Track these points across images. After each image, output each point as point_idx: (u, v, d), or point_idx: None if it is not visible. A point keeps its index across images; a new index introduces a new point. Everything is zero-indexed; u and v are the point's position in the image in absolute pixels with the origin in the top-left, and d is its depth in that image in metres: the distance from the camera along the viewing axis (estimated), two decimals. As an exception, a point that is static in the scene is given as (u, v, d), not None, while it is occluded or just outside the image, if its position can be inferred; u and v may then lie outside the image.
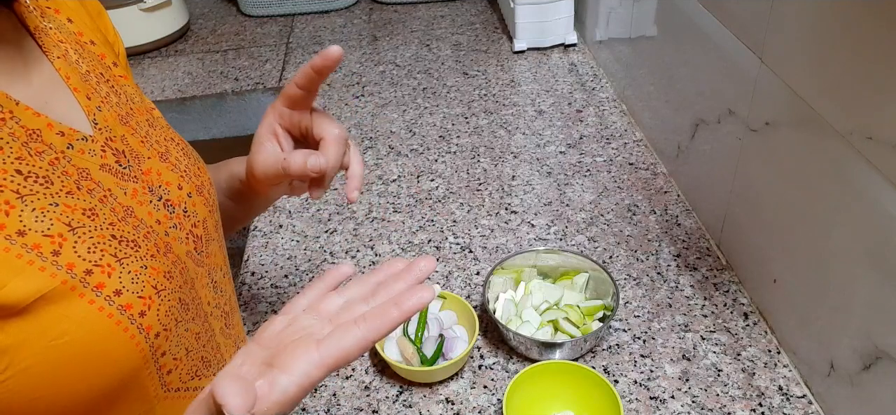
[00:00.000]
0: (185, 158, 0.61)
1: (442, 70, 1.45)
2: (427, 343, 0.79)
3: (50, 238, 0.45)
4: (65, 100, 0.52)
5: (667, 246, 0.95)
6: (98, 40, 0.60)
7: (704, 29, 0.90)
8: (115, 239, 0.49)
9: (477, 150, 1.18)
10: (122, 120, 0.56)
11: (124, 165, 0.54)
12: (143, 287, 0.49)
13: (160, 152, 0.58)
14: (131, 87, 0.61)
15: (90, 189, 0.50)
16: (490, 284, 0.83)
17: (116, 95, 0.57)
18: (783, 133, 0.74)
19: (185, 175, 0.60)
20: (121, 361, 0.48)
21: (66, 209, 0.47)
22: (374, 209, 1.06)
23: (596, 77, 1.38)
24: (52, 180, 0.47)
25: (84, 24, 0.59)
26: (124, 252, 0.49)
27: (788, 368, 0.77)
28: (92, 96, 0.54)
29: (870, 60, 0.59)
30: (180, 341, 0.54)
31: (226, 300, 0.64)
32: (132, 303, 0.48)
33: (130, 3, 1.51)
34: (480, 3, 1.75)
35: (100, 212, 0.49)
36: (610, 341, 0.81)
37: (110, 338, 0.47)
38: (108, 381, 0.48)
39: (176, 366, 0.54)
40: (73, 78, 0.54)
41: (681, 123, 1.01)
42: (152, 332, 0.50)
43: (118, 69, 0.60)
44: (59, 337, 0.44)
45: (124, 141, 0.55)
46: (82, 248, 0.47)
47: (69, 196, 0.48)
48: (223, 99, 1.43)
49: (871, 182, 0.60)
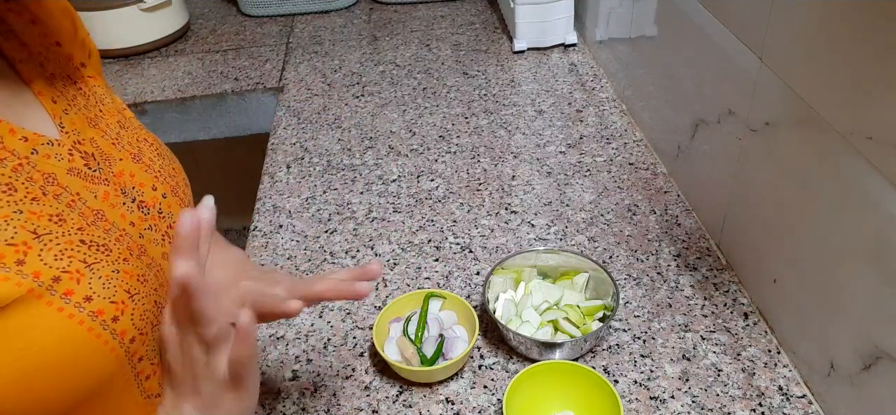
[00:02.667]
0: (159, 159, 0.60)
1: (442, 70, 1.45)
2: (427, 343, 0.79)
3: (14, 247, 0.44)
4: (28, 104, 0.51)
5: (667, 246, 0.95)
6: (65, 41, 0.58)
7: (704, 29, 0.90)
8: (85, 244, 0.48)
9: (477, 150, 1.18)
10: (91, 122, 0.55)
11: (94, 168, 0.52)
12: (115, 292, 0.48)
13: (133, 153, 0.57)
14: (101, 88, 0.59)
15: (57, 194, 0.48)
16: (490, 284, 0.83)
17: (85, 97, 0.56)
18: (783, 133, 0.74)
19: (159, 176, 0.58)
20: (95, 368, 0.47)
21: (32, 216, 0.46)
22: (374, 209, 1.06)
23: (596, 77, 1.38)
24: (16, 187, 0.46)
25: (50, 26, 0.57)
26: (94, 257, 0.48)
27: (788, 368, 0.77)
28: (58, 100, 0.53)
29: (870, 60, 0.59)
30: (158, 345, 0.53)
31: None
32: (104, 308, 0.47)
33: (130, 3, 1.51)
34: (480, 3, 1.75)
35: (67, 217, 0.48)
36: (610, 341, 0.81)
37: (82, 345, 0.46)
38: (84, 389, 0.47)
39: (154, 371, 0.53)
40: (38, 81, 0.52)
41: (681, 123, 1.01)
42: (127, 337, 0.48)
43: (87, 70, 0.59)
44: (28, 346, 0.43)
45: (94, 143, 0.54)
46: (49, 255, 0.45)
47: (34, 202, 0.46)
48: (223, 99, 1.43)
49: (871, 182, 0.60)
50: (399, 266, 0.95)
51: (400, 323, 0.82)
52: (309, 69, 1.49)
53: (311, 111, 1.33)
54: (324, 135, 1.25)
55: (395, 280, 0.92)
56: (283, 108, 1.35)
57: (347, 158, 1.18)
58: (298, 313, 0.63)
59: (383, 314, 0.82)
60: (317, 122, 1.29)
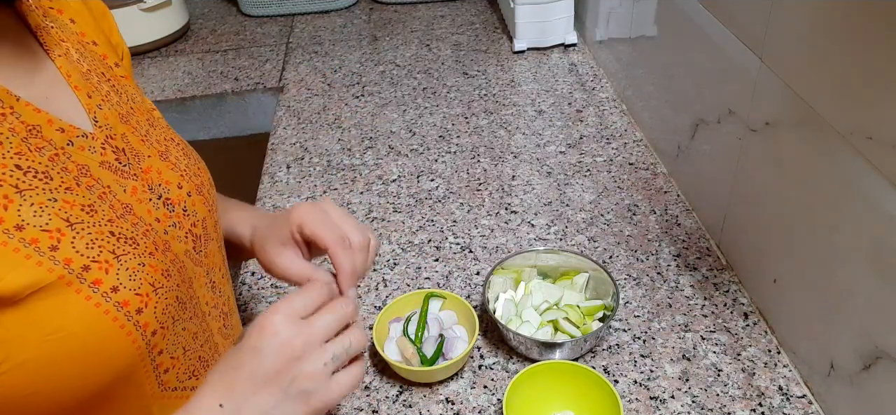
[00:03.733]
0: (185, 158, 0.62)
1: (442, 70, 1.45)
2: (427, 343, 0.79)
3: (48, 233, 0.45)
4: (65, 97, 0.52)
5: (667, 246, 0.95)
6: (101, 41, 0.60)
7: (704, 29, 0.90)
8: (114, 236, 0.49)
9: (477, 150, 1.18)
10: (123, 119, 0.56)
11: (124, 163, 0.54)
12: (141, 284, 0.49)
13: (160, 151, 0.59)
14: (132, 88, 0.61)
15: (89, 186, 0.50)
16: (490, 284, 0.83)
17: (117, 95, 0.58)
18: (783, 133, 0.74)
19: (185, 175, 0.60)
20: (117, 357, 0.48)
21: (65, 205, 0.47)
22: (374, 209, 1.06)
23: (596, 77, 1.38)
24: (52, 176, 0.47)
25: (87, 25, 0.59)
26: (122, 249, 0.49)
27: (788, 368, 0.77)
28: (93, 95, 0.54)
29: (870, 60, 0.59)
30: (177, 339, 0.54)
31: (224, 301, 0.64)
32: (129, 300, 0.48)
33: (130, 3, 1.51)
34: (480, 3, 1.75)
35: (98, 208, 0.49)
36: (610, 341, 0.81)
37: (106, 334, 0.47)
38: (104, 377, 0.48)
39: (173, 365, 0.54)
40: (74, 76, 0.54)
41: (681, 123, 1.01)
42: (149, 329, 0.50)
43: (120, 70, 0.61)
44: (55, 332, 0.45)
45: (124, 139, 0.55)
46: (80, 243, 0.47)
47: (68, 192, 0.48)
48: (223, 99, 1.43)
49: (871, 182, 0.60)
50: (399, 266, 0.95)
51: (400, 323, 0.82)
52: (309, 69, 1.49)
53: (311, 111, 1.33)
54: (324, 135, 1.25)
55: (395, 280, 0.92)
56: (283, 108, 1.35)
57: (347, 158, 1.18)
58: None
59: (383, 314, 0.82)
60: (317, 122, 1.29)
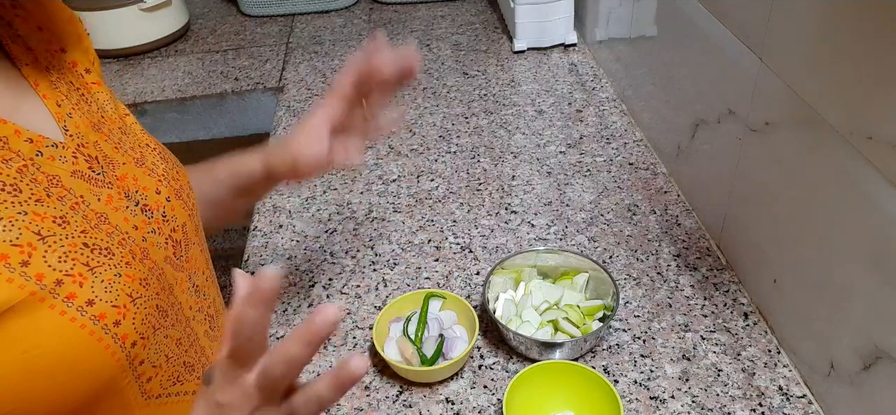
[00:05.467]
0: (163, 163, 0.60)
1: (442, 70, 1.45)
2: (427, 343, 0.79)
3: (18, 248, 0.44)
4: (34, 106, 0.51)
5: (667, 246, 0.95)
6: (69, 47, 0.58)
7: (704, 29, 0.90)
8: (87, 247, 0.48)
9: (477, 150, 1.18)
10: (95, 127, 0.55)
11: (97, 171, 0.52)
12: (118, 296, 0.48)
13: (136, 158, 0.57)
14: (104, 95, 0.60)
15: (61, 196, 0.49)
16: (490, 284, 0.83)
17: (87, 103, 0.56)
18: (783, 133, 0.74)
19: (163, 179, 0.58)
20: (95, 371, 0.47)
21: (36, 218, 0.46)
22: (374, 209, 1.06)
23: (596, 77, 1.38)
24: (21, 188, 0.46)
25: (53, 33, 0.58)
26: (97, 260, 0.48)
27: (788, 368, 0.77)
28: (62, 103, 0.53)
29: (870, 60, 0.59)
30: (159, 347, 0.53)
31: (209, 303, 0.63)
32: (106, 312, 0.47)
33: (130, 3, 1.51)
34: (480, 3, 1.75)
35: (71, 219, 0.48)
36: (610, 341, 0.81)
37: (83, 349, 0.46)
38: (84, 392, 0.47)
39: (155, 373, 0.53)
40: (42, 85, 0.53)
41: (681, 123, 1.01)
42: (129, 341, 0.49)
43: (90, 76, 0.59)
44: (31, 350, 0.43)
45: (97, 147, 0.54)
46: (52, 257, 0.45)
47: (39, 204, 0.47)
48: (223, 99, 1.43)
49: (871, 182, 0.60)
50: (399, 266, 0.95)
51: (400, 323, 0.82)
52: (309, 69, 1.49)
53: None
54: (324, 135, 1.25)
55: (394, 280, 0.92)
56: (283, 108, 1.35)
57: (347, 158, 1.18)
58: None
59: (383, 314, 0.82)
60: (317, 122, 1.29)
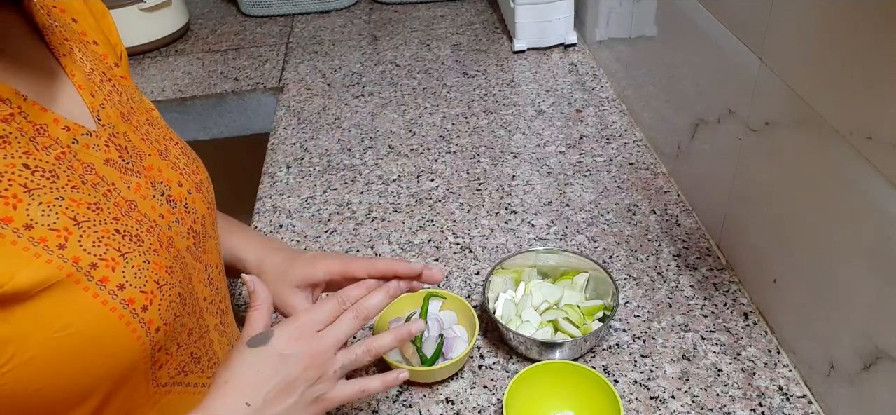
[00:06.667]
0: (184, 157, 0.62)
1: (442, 70, 1.45)
2: (427, 343, 0.79)
3: (56, 232, 0.46)
4: (70, 96, 0.53)
5: (667, 246, 0.95)
6: (101, 41, 0.61)
7: (704, 29, 0.90)
8: (119, 234, 0.50)
9: (477, 150, 1.18)
10: (124, 118, 0.57)
11: (127, 160, 0.54)
12: (146, 282, 0.50)
13: (160, 150, 0.59)
14: (131, 88, 0.62)
15: (95, 183, 0.50)
16: (490, 284, 0.83)
17: (118, 94, 0.58)
18: (783, 133, 0.74)
19: (184, 173, 0.60)
20: (122, 354, 0.49)
21: (72, 203, 0.48)
22: (374, 209, 1.06)
23: (596, 77, 1.38)
24: (59, 175, 0.48)
25: (88, 25, 0.60)
26: (128, 247, 0.50)
27: (788, 368, 0.77)
28: (96, 94, 0.55)
29: (870, 60, 0.59)
30: (175, 336, 0.54)
31: (221, 298, 0.65)
32: (134, 298, 0.49)
33: (130, 3, 1.51)
34: (480, 3, 1.75)
35: (104, 206, 0.50)
36: (610, 341, 0.81)
37: (112, 332, 0.47)
38: (107, 374, 0.49)
39: (167, 360, 0.54)
40: (78, 75, 0.54)
41: (681, 123, 1.01)
42: (153, 326, 0.50)
43: (119, 70, 0.61)
44: (63, 329, 0.45)
45: (126, 137, 0.56)
46: (87, 242, 0.47)
47: (75, 190, 0.48)
48: (223, 99, 1.43)
49: (871, 182, 0.60)
50: (399, 266, 0.95)
51: (400, 323, 0.82)
52: (309, 69, 1.49)
53: (311, 111, 1.33)
54: (324, 135, 1.25)
55: (395, 280, 0.92)
56: (283, 108, 1.35)
57: (347, 158, 1.18)
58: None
59: (383, 314, 0.82)
60: (317, 122, 1.30)
